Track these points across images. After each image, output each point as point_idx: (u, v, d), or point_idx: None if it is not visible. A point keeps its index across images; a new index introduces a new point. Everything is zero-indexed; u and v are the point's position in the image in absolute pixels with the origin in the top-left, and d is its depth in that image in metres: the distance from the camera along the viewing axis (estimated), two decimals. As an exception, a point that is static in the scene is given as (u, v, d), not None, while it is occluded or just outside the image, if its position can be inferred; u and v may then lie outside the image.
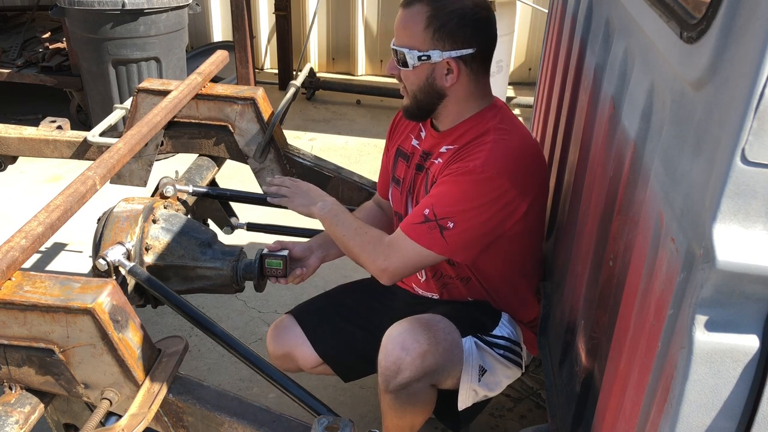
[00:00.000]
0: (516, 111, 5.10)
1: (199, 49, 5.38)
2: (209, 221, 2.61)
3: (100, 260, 1.85)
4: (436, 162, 1.79)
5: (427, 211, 1.69)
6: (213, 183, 2.63)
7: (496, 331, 1.85)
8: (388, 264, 1.74)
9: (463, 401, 1.79)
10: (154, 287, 1.85)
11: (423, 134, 1.91)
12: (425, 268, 1.87)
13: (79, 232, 3.32)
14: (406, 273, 1.78)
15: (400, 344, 1.70)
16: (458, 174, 1.68)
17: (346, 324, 2.03)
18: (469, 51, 1.69)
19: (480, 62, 1.75)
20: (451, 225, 1.66)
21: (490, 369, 1.81)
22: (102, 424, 1.57)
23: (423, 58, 1.68)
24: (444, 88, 1.73)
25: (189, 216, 2.24)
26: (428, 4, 1.68)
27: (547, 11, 3.02)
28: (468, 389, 1.78)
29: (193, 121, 2.50)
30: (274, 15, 5.33)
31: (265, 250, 1.98)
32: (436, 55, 1.68)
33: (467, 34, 1.69)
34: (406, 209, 1.94)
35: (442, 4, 1.67)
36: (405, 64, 1.72)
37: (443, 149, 1.79)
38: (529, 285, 1.96)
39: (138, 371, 1.56)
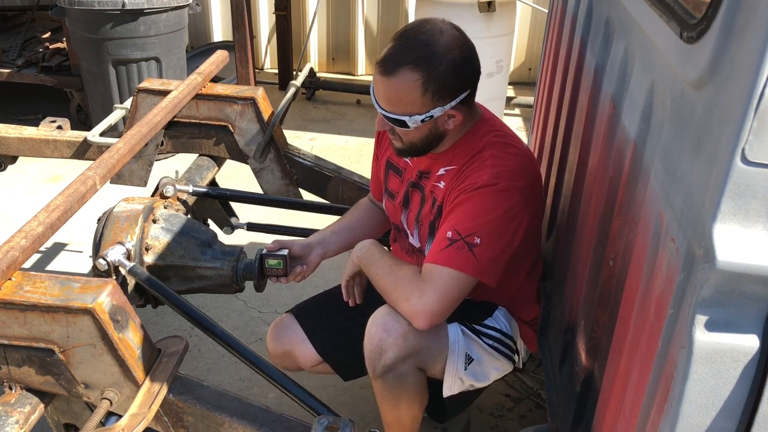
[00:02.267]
0: (516, 111, 5.10)
1: (199, 49, 5.38)
2: (209, 221, 2.61)
3: (100, 260, 1.85)
4: (439, 185, 1.77)
5: (449, 233, 1.63)
6: (213, 183, 2.63)
7: (488, 322, 1.84)
8: (423, 302, 1.62)
9: (449, 388, 1.79)
10: (154, 287, 1.85)
11: None
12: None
13: (79, 232, 3.32)
14: (443, 308, 1.64)
15: (383, 326, 1.70)
16: (471, 190, 1.65)
17: (346, 322, 2.03)
18: (466, 93, 1.67)
19: (473, 95, 1.72)
20: (478, 240, 1.61)
21: (478, 358, 1.80)
22: (102, 424, 1.57)
23: (426, 119, 1.64)
24: (446, 131, 1.71)
25: (189, 216, 2.24)
26: (417, 69, 1.59)
27: (547, 11, 3.02)
28: (453, 377, 1.77)
29: (193, 121, 2.50)
30: (274, 15, 5.33)
31: (265, 250, 1.98)
32: (438, 112, 1.64)
33: (463, 80, 1.65)
34: (402, 222, 1.95)
35: (432, 64, 1.59)
36: (405, 126, 1.67)
37: (441, 171, 1.78)
38: (529, 286, 1.95)
39: (138, 371, 1.56)
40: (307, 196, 2.65)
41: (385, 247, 1.90)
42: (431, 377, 1.79)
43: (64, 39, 4.62)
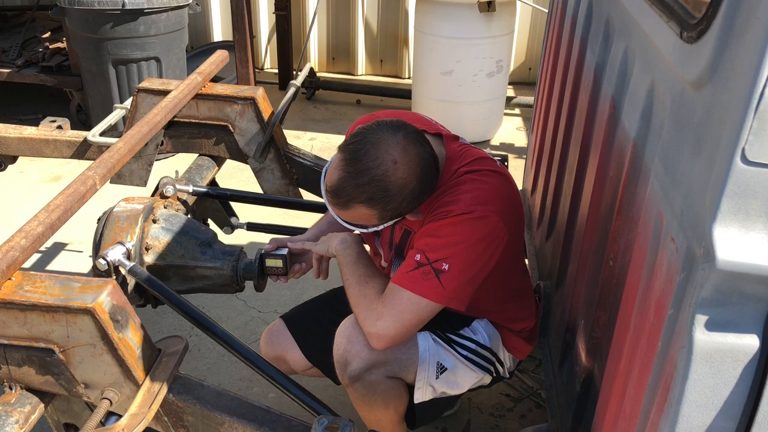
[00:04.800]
0: (516, 111, 5.10)
1: (199, 49, 5.37)
2: (209, 221, 2.61)
3: (100, 260, 1.85)
4: (407, 216, 1.75)
5: (418, 256, 1.60)
6: (213, 183, 2.63)
7: (465, 332, 1.83)
8: (379, 327, 1.62)
9: (420, 395, 1.79)
10: (154, 287, 1.85)
11: None
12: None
13: (79, 232, 3.32)
14: (399, 333, 1.63)
15: (347, 337, 1.71)
16: (444, 217, 1.61)
17: (334, 328, 2.03)
18: (425, 199, 1.64)
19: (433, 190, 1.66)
20: (446, 267, 1.58)
21: (451, 367, 1.79)
22: (102, 423, 1.57)
23: (383, 226, 1.65)
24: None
25: (189, 216, 2.24)
26: (371, 207, 1.55)
27: (547, 11, 3.02)
28: (425, 384, 1.77)
29: (193, 120, 2.50)
30: (274, 15, 5.33)
31: (263, 250, 1.98)
32: (398, 219, 1.65)
33: (421, 197, 1.61)
34: (377, 247, 1.94)
35: (388, 202, 1.54)
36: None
37: None
38: (516, 301, 1.91)
39: (138, 371, 1.56)
40: (307, 196, 2.65)
41: (366, 246, 1.86)
42: (410, 383, 1.79)
43: (64, 39, 4.62)
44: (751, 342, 0.91)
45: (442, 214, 1.62)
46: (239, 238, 2.82)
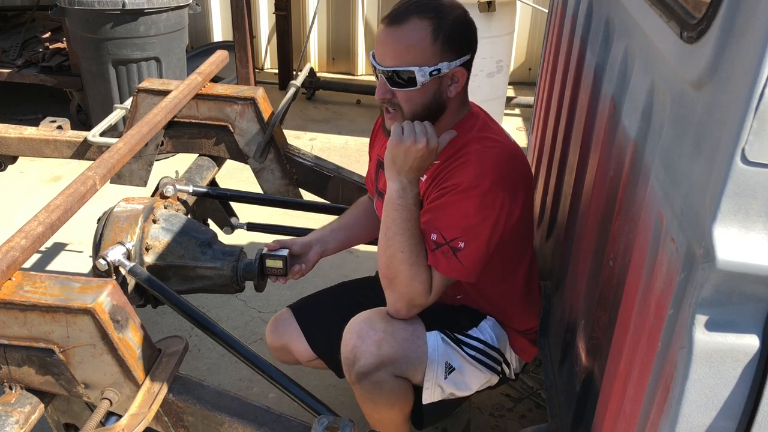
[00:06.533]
0: (516, 111, 5.10)
1: (199, 49, 5.37)
2: (209, 221, 2.61)
3: (100, 260, 1.85)
4: (421, 178, 1.75)
5: (434, 236, 1.65)
6: (213, 183, 2.63)
7: (473, 332, 1.83)
8: (427, 300, 1.70)
9: (428, 396, 1.79)
10: (154, 287, 1.85)
11: None
12: None
13: (79, 232, 3.32)
14: (427, 305, 1.74)
15: (357, 333, 1.72)
16: (454, 193, 1.64)
17: (341, 322, 2.03)
18: (468, 56, 1.68)
19: (471, 67, 1.72)
20: (462, 245, 1.63)
21: (459, 368, 1.79)
22: (102, 424, 1.57)
23: (434, 72, 1.61)
24: (447, 99, 1.68)
25: (189, 216, 2.24)
26: (426, 17, 1.60)
27: (547, 11, 3.02)
28: (433, 384, 1.77)
29: (193, 121, 2.50)
30: (274, 15, 5.34)
31: (265, 250, 1.98)
32: (445, 67, 1.62)
33: (467, 39, 1.67)
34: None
35: (442, 13, 1.62)
36: (412, 83, 1.62)
37: None
38: (524, 295, 1.92)
39: (138, 371, 1.56)
40: (307, 196, 2.65)
41: None
42: (416, 383, 1.79)
43: (64, 39, 4.62)
44: (751, 342, 0.91)
45: (452, 188, 1.65)
46: (239, 238, 2.82)
